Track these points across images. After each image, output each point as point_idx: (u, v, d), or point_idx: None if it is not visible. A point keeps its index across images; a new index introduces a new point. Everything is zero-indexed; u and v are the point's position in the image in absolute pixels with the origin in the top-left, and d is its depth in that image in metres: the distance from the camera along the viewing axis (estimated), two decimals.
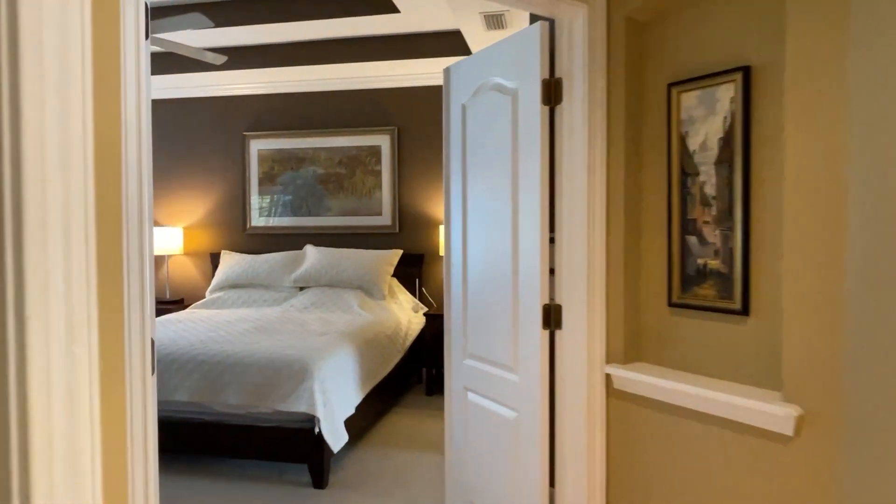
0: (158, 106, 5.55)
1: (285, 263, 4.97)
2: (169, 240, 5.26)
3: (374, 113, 5.16)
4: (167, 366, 3.18)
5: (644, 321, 1.85)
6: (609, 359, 1.86)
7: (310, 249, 5.05)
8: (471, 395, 2.27)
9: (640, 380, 1.73)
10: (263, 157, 5.34)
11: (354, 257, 4.83)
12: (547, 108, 1.90)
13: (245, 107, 5.39)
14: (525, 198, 1.97)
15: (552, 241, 1.94)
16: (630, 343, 1.85)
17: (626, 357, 1.84)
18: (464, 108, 2.32)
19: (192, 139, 5.50)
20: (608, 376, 1.85)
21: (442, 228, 4.80)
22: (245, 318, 4.25)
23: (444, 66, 4.72)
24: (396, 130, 5.10)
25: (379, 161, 5.14)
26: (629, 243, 1.84)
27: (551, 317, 1.92)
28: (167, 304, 5.22)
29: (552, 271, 1.94)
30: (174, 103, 5.52)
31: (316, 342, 3.44)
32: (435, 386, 4.68)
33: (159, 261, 5.60)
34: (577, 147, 1.84)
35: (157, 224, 5.59)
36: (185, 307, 5.23)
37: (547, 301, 1.92)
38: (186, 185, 5.53)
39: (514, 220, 2.02)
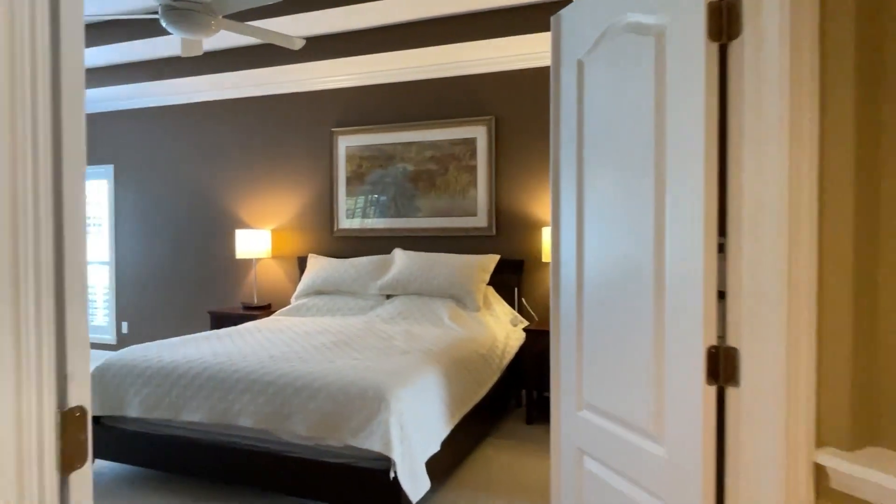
0: (243, 104, 5.37)
1: (372, 269, 4.56)
2: (257, 243, 5.04)
3: (469, 102, 4.63)
4: (233, 385, 2.82)
5: (887, 382, 1.14)
6: (822, 439, 1.16)
7: (398, 254, 4.61)
8: (588, 462, 1.65)
9: (883, 482, 1.03)
10: (351, 155, 4.98)
11: (446, 263, 4.32)
12: (715, 46, 1.25)
13: (332, 101, 5.06)
14: (676, 184, 1.32)
15: (720, 249, 1.28)
16: (860, 417, 1.14)
17: (852, 439, 1.14)
18: (580, 65, 1.70)
19: (280, 138, 5.27)
20: (819, 468, 1.16)
21: (546, 231, 4.16)
22: (327, 328, 3.87)
23: (550, 42, 4.05)
24: (494, 120, 4.52)
25: (474, 155, 4.59)
26: (860, 254, 1.14)
27: (720, 366, 1.25)
28: (254, 309, 5.01)
29: (721, 295, 1.28)
30: (260, 101, 5.32)
31: (397, 363, 2.95)
32: (537, 412, 4.05)
33: (247, 265, 5.42)
34: (769, 103, 1.17)
35: (245, 226, 5.42)
36: (271, 313, 4.99)
37: (713, 342, 1.26)
38: (275, 186, 5.30)
39: (658, 216, 1.38)
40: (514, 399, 4.41)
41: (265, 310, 5.02)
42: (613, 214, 1.54)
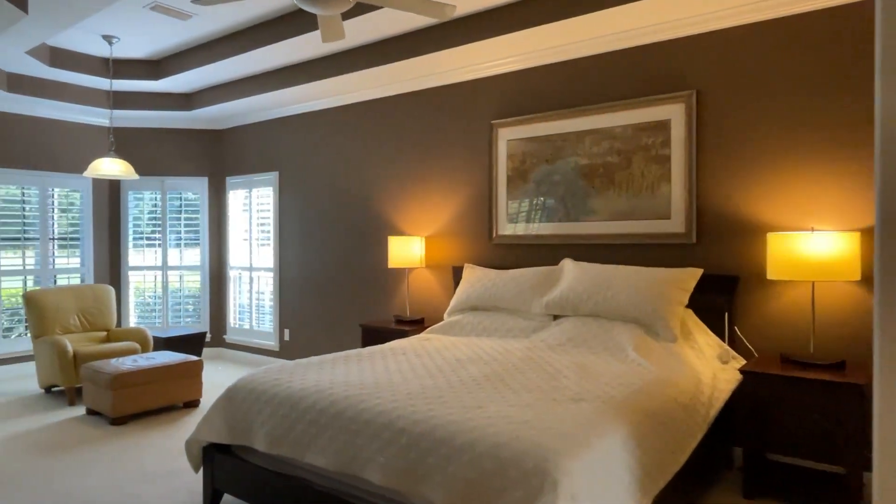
0: (394, 102, 4.97)
1: (536, 283, 3.83)
2: (410, 250, 4.59)
3: (660, 75, 3.69)
4: (361, 427, 2.28)
5: None
6: None
7: (567, 265, 3.81)
8: None
9: None
10: (513, 150, 4.30)
11: (629, 277, 3.43)
12: None
13: (490, 90, 4.44)
14: None
15: None
16: None
17: None
18: None
19: (434, 135, 4.78)
20: None
21: (774, 238, 3.07)
22: (480, 354, 3.22)
23: None
24: (694, 96, 3.53)
25: (667, 142, 3.64)
26: None
27: None
28: (406, 323, 4.56)
29: None
30: (412, 97, 4.87)
31: (567, 416, 2.18)
32: (759, 482, 2.98)
33: (400, 275, 5.01)
34: None
35: (399, 233, 5.02)
36: (424, 328, 4.49)
37: None
38: (429, 189, 4.82)
39: None
40: (722, 459, 3.36)
41: (418, 325, 4.54)
42: None
